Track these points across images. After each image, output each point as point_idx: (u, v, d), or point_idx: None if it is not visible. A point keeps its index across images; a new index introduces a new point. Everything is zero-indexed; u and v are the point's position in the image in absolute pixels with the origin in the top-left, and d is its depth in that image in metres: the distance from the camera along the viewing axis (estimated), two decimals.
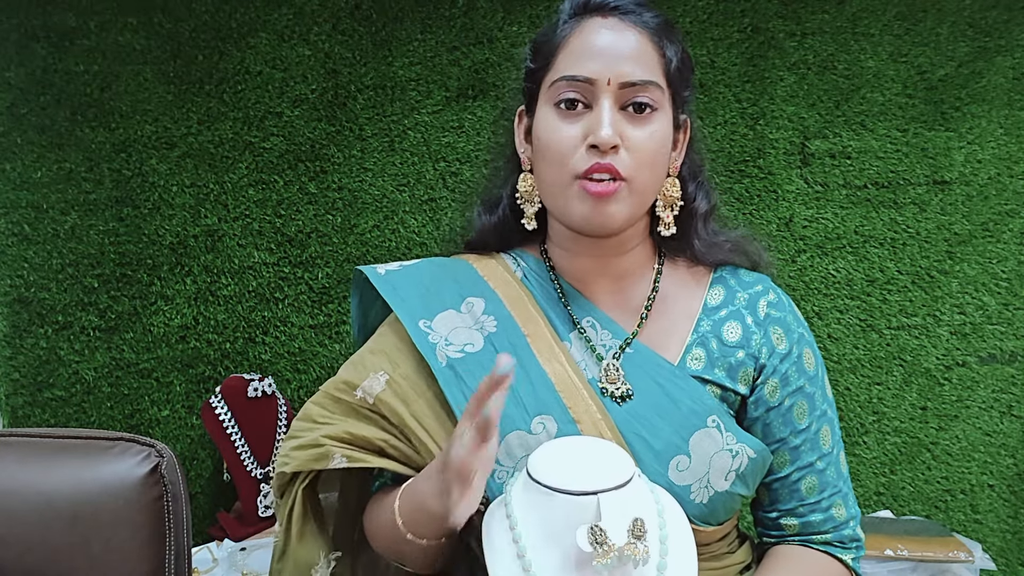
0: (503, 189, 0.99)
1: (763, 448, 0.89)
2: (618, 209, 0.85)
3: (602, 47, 0.85)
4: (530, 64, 0.93)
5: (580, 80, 0.85)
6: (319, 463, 0.89)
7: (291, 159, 1.65)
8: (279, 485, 0.94)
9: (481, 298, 0.94)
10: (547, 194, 0.90)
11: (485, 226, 1.00)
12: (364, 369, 0.92)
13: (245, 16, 1.62)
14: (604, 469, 0.75)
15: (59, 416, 1.67)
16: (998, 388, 1.67)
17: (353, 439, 0.89)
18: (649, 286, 0.95)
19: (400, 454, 0.90)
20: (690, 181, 0.96)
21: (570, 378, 0.88)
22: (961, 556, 1.40)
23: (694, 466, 0.86)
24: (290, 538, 0.93)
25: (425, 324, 0.92)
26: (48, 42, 1.60)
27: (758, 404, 0.91)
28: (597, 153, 0.84)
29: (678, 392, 0.88)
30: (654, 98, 0.86)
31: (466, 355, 0.89)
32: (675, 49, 0.89)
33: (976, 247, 1.65)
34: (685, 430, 0.86)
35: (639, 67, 0.85)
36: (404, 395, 0.89)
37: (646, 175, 0.86)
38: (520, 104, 0.97)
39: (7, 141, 1.62)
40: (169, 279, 1.66)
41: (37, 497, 0.82)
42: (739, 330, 0.92)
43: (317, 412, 0.93)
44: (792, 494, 0.93)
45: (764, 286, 0.96)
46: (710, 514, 0.88)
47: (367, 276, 0.98)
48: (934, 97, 1.62)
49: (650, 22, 0.88)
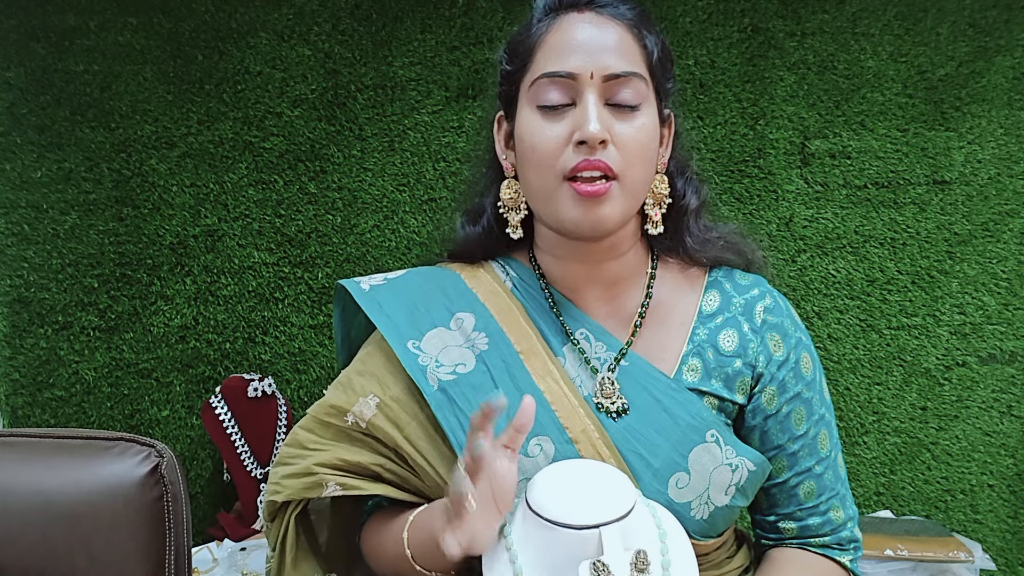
0: (486, 198, 0.96)
1: (762, 460, 0.88)
2: (611, 209, 0.82)
3: (582, 41, 0.83)
4: (506, 66, 0.90)
5: (562, 76, 0.82)
6: (312, 492, 0.87)
7: (291, 159, 1.65)
8: (270, 512, 0.92)
9: (471, 313, 0.91)
10: (535, 199, 0.87)
11: (469, 237, 0.97)
12: (353, 393, 0.90)
13: (245, 16, 1.62)
14: (605, 499, 0.73)
15: (59, 416, 1.67)
16: (998, 388, 1.67)
17: (347, 465, 0.87)
18: (642, 292, 0.92)
19: (397, 477, 0.88)
20: (678, 177, 0.93)
21: (565, 396, 0.86)
22: (961, 556, 1.40)
23: (694, 483, 0.84)
24: (284, 564, 0.91)
25: (414, 345, 0.89)
26: (48, 42, 1.60)
27: (756, 413, 0.90)
28: (585, 150, 0.81)
29: (675, 406, 0.85)
30: (639, 90, 0.83)
31: (458, 376, 0.86)
32: (655, 40, 0.87)
33: (976, 247, 1.65)
34: (684, 446, 0.84)
35: (621, 59, 0.82)
36: (396, 418, 0.87)
37: (637, 171, 0.83)
38: (498, 110, 0.93)
39: (7, 141, 1.61)
40: (169, 279, 1.66)
41: (37, 497, 0.82)
42: (736, 338, 0.89)
43: (307, 438, 0.90)
44: (790, 499, 0.92)
45: (760, 290, 0.93)
46: (710, 528, 0.87)
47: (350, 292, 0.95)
48: (934, 97, 1.62)
49: (627, 14, 0.85)
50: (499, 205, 0.92)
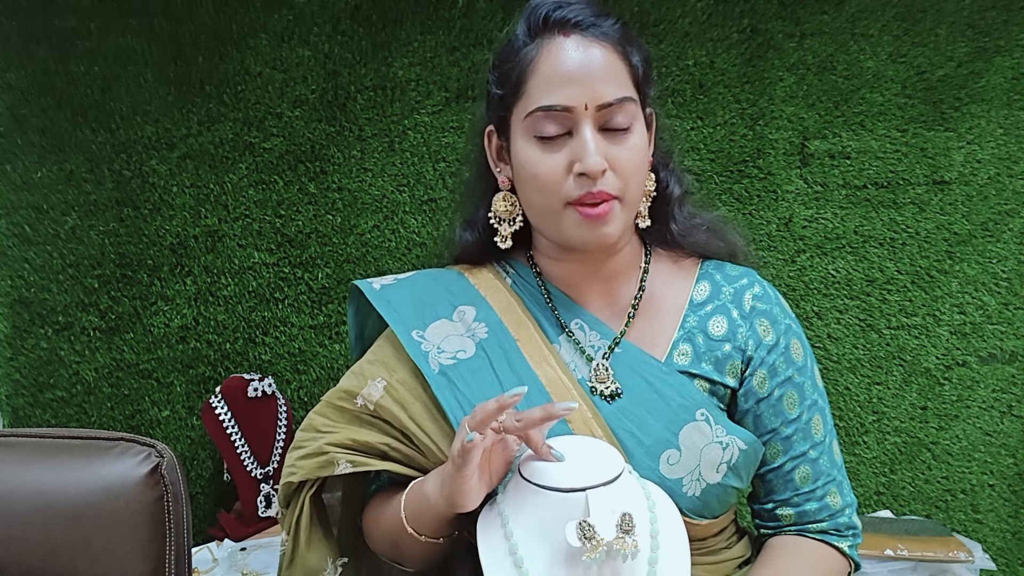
0: (480, 208, 0.99)
1: (754, 440, 0.90)
2: (614, 227, 0.87)
3: (572, 71, 0.85)
4: (497, 90, 0.92)
5: (558, 109, 0.85)
6: (325, 470, 0.91)
7: (291, 160, 1.66)
8: (285, 495, 0.95)
9: (472, 306, 0.96)
10: (537, 217, 0.92)
11: (468, 244, 1.01)
12: (363, 379, 0.94)
13: (245, 18, 1.62)
14: (593, 466, 0.77)
15: (60, 416, 1.67)
16: (998, 388, 1.67)
17: (356, 445, 0.91)
18: (636, 285, 0.96)
19: (402, 456, 0.91)
20: (661, 169, 0.98)
21: (560, 379, 0.90)
22: (961, 556, 1.40)
23: (684, 459, 0.87)
24: (298, 545, 0.94)
25: (418, 334, 0.94)
26: (49, 44, 1.60)
27: (748, 396, 0.93)
28: (586, 181, 0.84)
29: (666, 388, 0.89)
30: (630, 112, 0.86)
31: (458, 362, 0.91)
32: (639, 55, 0.90)
33: (976, 247, 1.65)
34: (674, 424, 0.88)
35: (612, 84, 0.85)
36: (402, 399, 0.91)
37: (634, 187, 0.88)
38: (488, 123, 0.96)
39: (8, 143, 1.62)
40: (169, 280, 1.66)
41: (38, 497, 0.82)
42: (725, 324, 0.93)
43: (320, 422, 0.94)
44: (786, 484, 0.94)
45: (750, 279, 0.97)
46: (703, 507, 0.89)
47: (362, 291, 1.00)
48: (933, 97, 1.62)
49: (611, 33, 0.87)
50: (490, 216, 0.96)
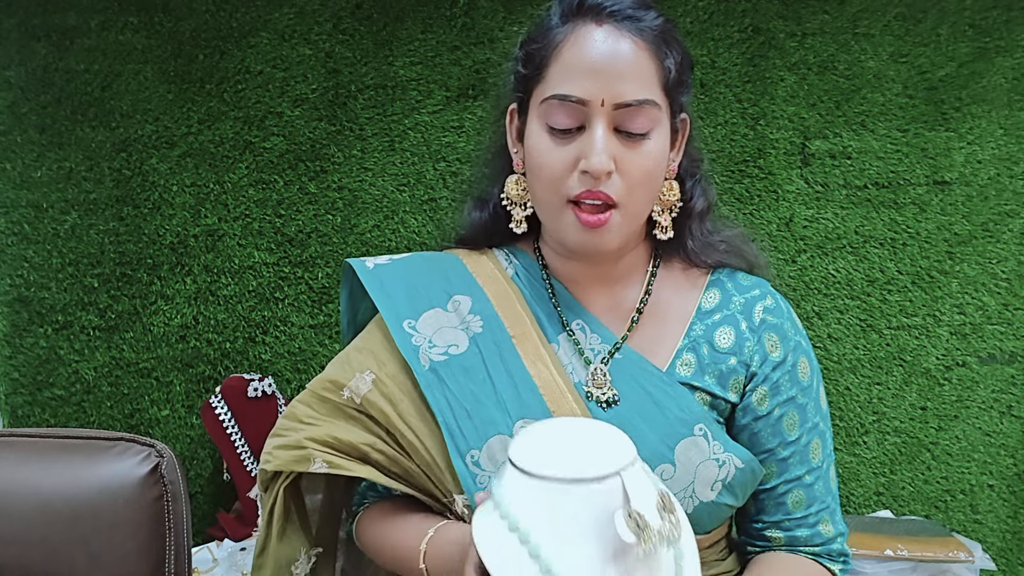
0: (494, 187, 0.96)
1: (751, 459, 0.86)
2: (611, 237, 0.84)
3: (596, 63, 0.80)
4: (521, 69, 0.88)
5: (572, 100, 0.81)
6: (299, 465, 0.88)
7: (291, 159, 1.65)
8: (263, 480, 0.93)
9: (468, 296, 0.92)
10: (540, 210, 0.89)
11: (475, 223, 0.98)
12: (350, 368, 0.91)
13: (246, 16, 1.62)
14: (605, 446, 0.67)
15: (59, 416, 1.67)
16: (998, 388, 1.67)
17: (336, 443, 0.88)
18: (642, 289, 0.92)
19: (385, 458, 0.88)
20: (688, 179, 0.93)
21: (555, 381, 0.86)
22: (961, 556, 1.40)
23: (679, 475, 0.83)
24: (271, 535, 0.92)
25: (409, 325, 0.90)
26: (49, 41, 1.60)
27: (746, 412, 0.88)
28: (590, 180, 0.81)
29: (665, 399, 0.85)
30: (651, 116, 0.82)
31: (450, 357, 0.88)
32: (675, 57, 0.84)
33: (976, 247, 1.65)
34: (671, 438, 0.84)
35: (635, 84, 0.81)
36: (390, 395, 0.88)
37: (638, 198, 0.84)
38: (512, 101, 0.92)
39: (7, 140, 1.61)
40: (169, 279, 1.66)
41: (37, 497, 0.82)
42: (732, 336, 0.89)
43: (303, 411, 0.92)
44: (778, 507, 0.90)
45: (762, 291, 0.92)
46: (694, 523, 0.84)
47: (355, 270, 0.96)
48: (934, 97, 1.62)
49: (647, 29, 0.82)
50: (503, 198, 0.93)
